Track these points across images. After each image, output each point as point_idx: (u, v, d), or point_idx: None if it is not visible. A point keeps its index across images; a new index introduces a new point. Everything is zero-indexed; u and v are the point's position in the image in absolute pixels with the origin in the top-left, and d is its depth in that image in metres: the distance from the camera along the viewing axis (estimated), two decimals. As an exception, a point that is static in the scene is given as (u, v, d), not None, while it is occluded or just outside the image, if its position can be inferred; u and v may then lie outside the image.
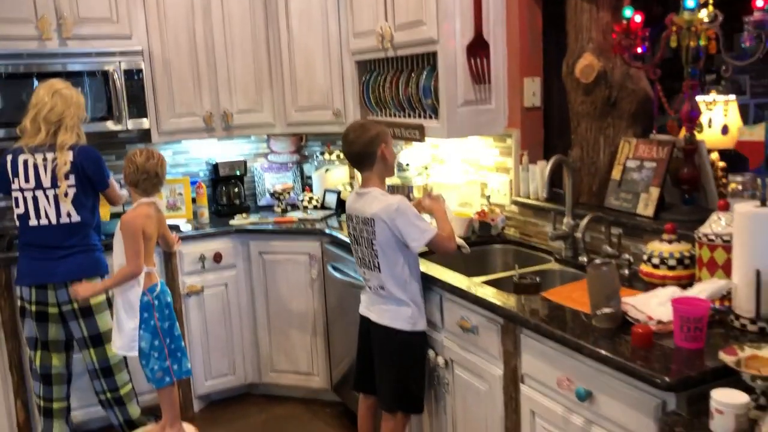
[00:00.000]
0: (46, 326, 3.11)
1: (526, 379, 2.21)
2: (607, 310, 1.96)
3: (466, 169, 3.52)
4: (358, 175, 3.00)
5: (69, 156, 2.98)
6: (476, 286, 2.49)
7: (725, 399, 1.51)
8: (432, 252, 2.75)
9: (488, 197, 3.32)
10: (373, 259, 2.57)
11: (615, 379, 1.82)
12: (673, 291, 2.03)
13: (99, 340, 3.12)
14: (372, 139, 2.57)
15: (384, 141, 2.59)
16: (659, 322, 1.91)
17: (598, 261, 2.03)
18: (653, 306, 1.98)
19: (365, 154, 2.58)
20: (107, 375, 3.20)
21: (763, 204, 1.88)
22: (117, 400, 3.26)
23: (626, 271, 2.47)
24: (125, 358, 3.22)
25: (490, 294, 2.38)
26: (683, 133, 2.51)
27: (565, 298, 2.23)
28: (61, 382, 3.24)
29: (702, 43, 2.25)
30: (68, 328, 3.13)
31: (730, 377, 1.64)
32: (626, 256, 2.51)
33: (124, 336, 3.00)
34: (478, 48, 3.09)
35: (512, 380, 2.26)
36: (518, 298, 2.31)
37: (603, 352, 1.82)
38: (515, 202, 3.22)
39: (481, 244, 3.17)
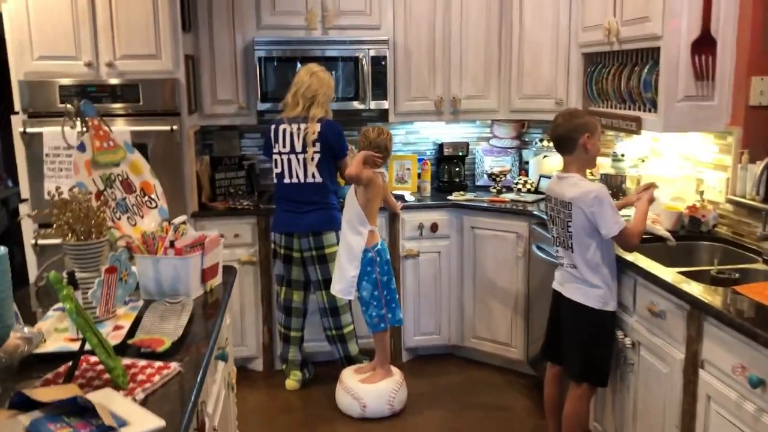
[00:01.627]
0: (290, 267, 3.78)
1: (705, 365, 2.31)
2: (794, 306, 2.00)
3: (682, 164, 3.53)
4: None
5: (317, 127, 3.58)
6: (671, 274, 2.60)
7: None
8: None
9: (701, 193, 3.32)
10: (567, 240, 2.79)
11: (789, 370, 1.89)
12: None
13: (329, 283, 3.71)
14: (577, 126, 2.76)
15: (589, 131, 2.76)
16: None
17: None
18: None
19: (567, 139, 2.78)
20: (334, 314, 3.80)
21: None
22: (340, 338, 3.84)
23: (836, 278, 2.42)
24: (350, 302, 3.78)
25: (681, 282, 2.48)
26: None
27: (756, 294, 2.28)
28: (299, 315, 3.91)
29: None
30: (307, 271, 3.76)
31: None
32: (837, 262, 2.44)
33: (345, 281, 3.54)
34: (704, 44, 3.10)
35: (692, 364, 2.36)
36: (707, 288, 2.39)
37: (779, 342, 1.89)
38: (730, 201, 3.19)
39: (688, 238, 3.20)
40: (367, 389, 3.59)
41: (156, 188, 2.68)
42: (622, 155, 3.75)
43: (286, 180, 3.68)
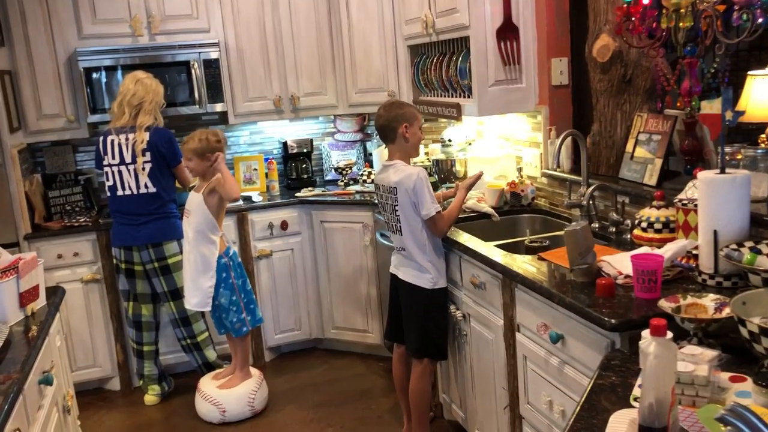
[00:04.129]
0: (134, 281, 3.70)
1: (520, 328, 2.51)
2: (582, 265, 2.22)
3: (503, 144, 3.78)
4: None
5: (146, 136, 3.52)
6: (488, 248, 2.79)
7: (648, 336, 1.76)
8: (465, 220, 3.08)
9: (520, 169, 3.57)
10: (395, 224, 2.93)
11: (579, 324, 2.09)
12: (645, 250, 2.26)
13: (177, 294, 3.67)
14: (396, 116, 2.90)
15: (407, 121, 2.91)
16: (627, 276, 2.16)
17: (573, 223, 2.29)
18: (626, 263, 2.22)
19: (387, 128, 2.92)
20: (186, 324, 3.76)
21: (722, 171, 2.07)
22: (195, 346, 3.81)
23: (628, 236, 2.69)
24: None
25: (495, 254, 2.68)
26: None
27: (558, 258, 2.50)
28: (150, 329, 3.83)
29: (687, 24, 2.42)
30: (152, 284, 3.69)
31: (672, 322, 1.88)
32: (627, 221, 2.72)
33: (201, 293, 3.48)
34: (508, 31, 3.34)
35: (510, 329, 2.56)
36: (518, 258, 2.60)
37: (568, 299, 2.10)
38: (544, 174, 3.47)
39: (511, 213, 3.45)
40: (226, 394, 3.59)
41: (-35, 214, 2.55)
42: (449, 140, 3.96)
43: (119, 192, 3.59)
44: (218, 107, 4.26)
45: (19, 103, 3.96)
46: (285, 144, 4.66)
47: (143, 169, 3.53)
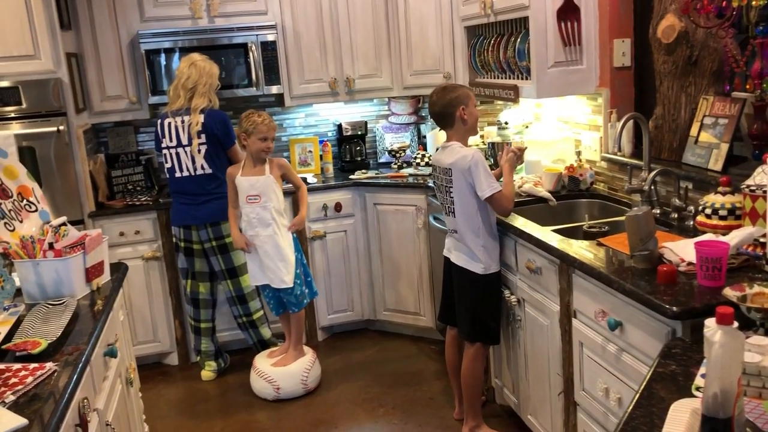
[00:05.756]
0: (192, 260, 3.79)
1: (577, 314, 2.47)
2: (643, 251, 2.17)
3: (561, 126, 3.71)
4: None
5: (200, 118, 3.58)
6: (545, 232, 2.76)
7: (713, 325, 1.71)
8: (521, 204, 3.05)
9: (578, 153, 3.51)
10: (449, 205, 2.91)
11: (638, 311, 2.05)
12: (709, 237, 2.20)
13: (234, 272, 3.74)
14: (450, 101, 2.87)
15: (463, 103, 2.88)
16: (690, 263, 2.10)
17: (635, 208, 2.23)
18: (689, 250, 2.16)
19: (445, 114, 2.90)
20: (242, 302, 3.83)
21: (794, 156, 1.99)
22: (251, 323, 3.89)
23: (691, 223, 2.62)
24: (257, 288, 3.81)
25: (553, 239, 2.64)
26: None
27: (617, 243, 2.45)
28: (208, 307, 3.92)
29: (761, 2, 2.32)
30: (210, 262, 3.77)
31: (737, 311, 1.82)
32: (690, 208, 2.64)
33: (292, 268, 3.54)
34: (568, 12, 3.27)
35: (566, 315, 2.53)
36: (576, 243, 2.55)
37: (627, 285, 2.06)
38: (604, 158, 3.39)
39: (569, 197, 3.39)
40: (280, 371, 3.65)
41: (35, 191, 2.64)
42: (506, 123, 3.90)
43: (177, 174, 3.67)
44: (274, 89, 4.29)
45: (84, 85, 4.08)
46: (339, 126, 4.68)
47: (199, 151, 3.60)
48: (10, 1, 3.56)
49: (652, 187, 2.83)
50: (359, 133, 4.69)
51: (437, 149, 3.08)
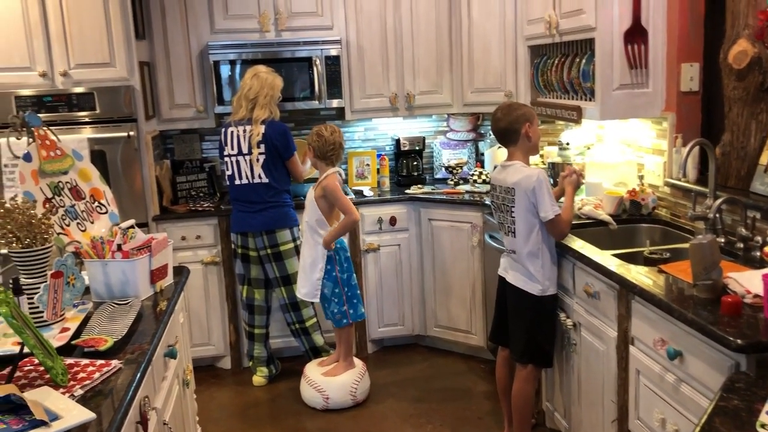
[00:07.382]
0: (249, 266, 3.87)
1: (634, 341, 2.43)
2: (706, 280, 2.12)
3: (624, 149, 3.66)
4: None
5: (261, 128, 3.67)
6: (604, 256, 2.72)
7: (780, 360, 1.67)
8: (580, 226, 3.03)
9: (641, 177, 3.45)
10: (510, 225, 2.90)
11: (700, 341, 2.00)
12: (778, 269, 2.13)
13: (288, 280, 3.80)
14: (517, 118, 2.87)
15: (528, 120, 2.88)
16: (756, 295, 2.04)
17: (699, 236, 2.19)
18: (755, 282, 2.10)
19: (510, 131, 2.89)
20: (295, 309, 3.89)
21: None
22: (303, 330, 3.94)
23: (758, 253, 2.54)
24: (311, 297, 3.86)
25: (612, 263, 2.60)
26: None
27: (679, 271, 2.39)
28: (262, 313, 4.00)
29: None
30: (265, 269, 3.85)
31: (807, 348, 1.77)
32: (758, 238, 2.57)
33: (310, 284, 3.63)
34: (636, 34, 3.23)
35: (624, 341, 2.48)
36: (636, 268, 2.51)
37: (689, 314, 2.01)
38: (667, 183, 3.32)
39: (629, 222, 3.33)
40: (330, 382, 3.69)
41: (106, 194, 2.76)
42: (567, 144, 3.87)
43: (237, 181, 3.77)
44: (335, 103, 4.36)
45: (154, 93, 4.23)
46: (398, 141, 4.71)
47: (257, 160, 3.69)
48: (92, 12, 3.74)
49: (717, 215, 2.76)
50: (417, 148, 4.72)
51: (495, 167, 3.08)
